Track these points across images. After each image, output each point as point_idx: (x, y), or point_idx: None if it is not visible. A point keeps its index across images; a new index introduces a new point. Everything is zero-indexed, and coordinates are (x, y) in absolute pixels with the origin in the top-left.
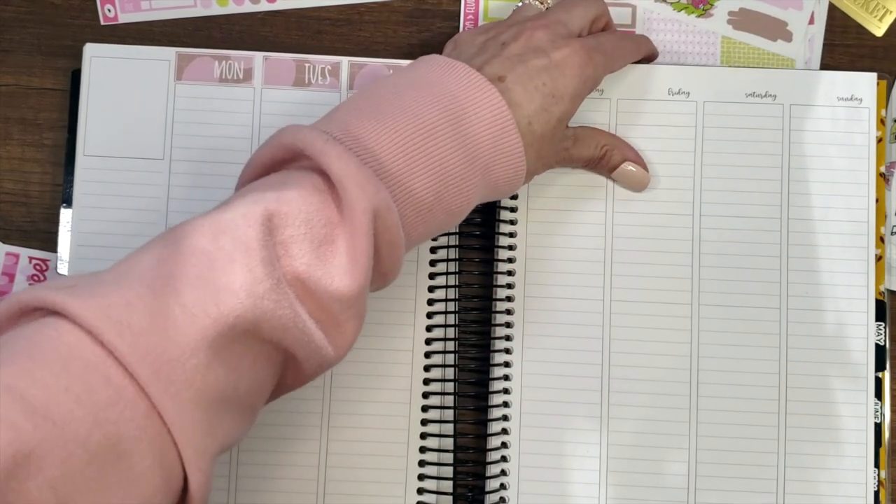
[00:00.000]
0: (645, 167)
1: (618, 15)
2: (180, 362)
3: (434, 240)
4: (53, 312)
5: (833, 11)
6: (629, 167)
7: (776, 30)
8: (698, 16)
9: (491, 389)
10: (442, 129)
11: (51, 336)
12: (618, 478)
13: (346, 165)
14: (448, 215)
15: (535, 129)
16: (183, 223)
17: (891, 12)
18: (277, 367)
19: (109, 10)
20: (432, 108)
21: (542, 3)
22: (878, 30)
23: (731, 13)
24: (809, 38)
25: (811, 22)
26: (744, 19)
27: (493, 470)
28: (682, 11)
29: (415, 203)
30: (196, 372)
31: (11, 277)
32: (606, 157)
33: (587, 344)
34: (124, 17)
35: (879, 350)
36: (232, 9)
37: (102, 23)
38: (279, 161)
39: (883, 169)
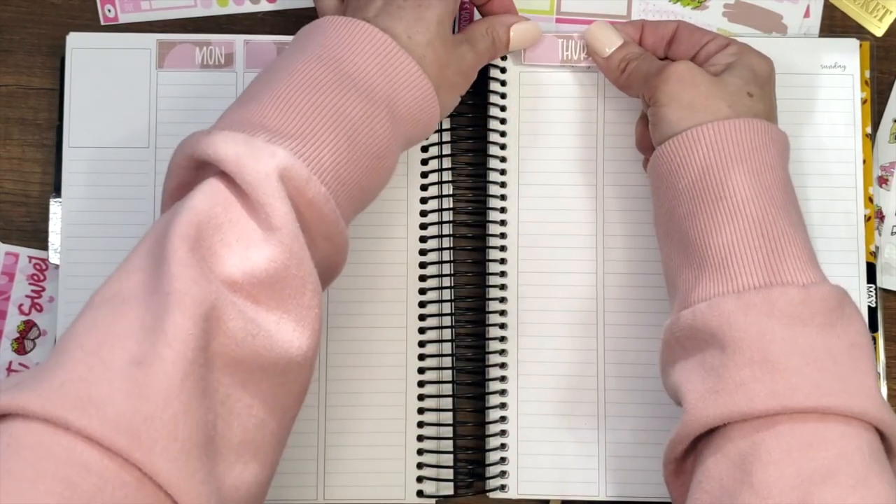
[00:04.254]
0: (521, 19)
1: (613, 7)
2: (156, 417)
3: (424, 241)
4: (2, 417)
5: (833, 11)
6: (513, 32)
7: (771, 22)
8: (694, 7)
9: (488, 377)
10: (323, 77)
11: (7, 444)
12: (616, 462)
13: (232, 145)
14: (372, 158)
15: (419, 40)
16: (107, 280)
17: (891, 12)
18: (264, 393)
19: (109, 11)
20: (307, 64)
21: None
22: (878, 30)
23: (726, 5)
24: (805, 31)
25: (806, 15)
26: (739, 12)
27: (492, 457)
28: (678, 3)
29: (329, 155)
30: (176, 421)
31: (11, 277)
32: (496, 39)
33: (582, 329)
34: (124, 17)
35: (871, 312)
36: (232, 9)
37: (102, 23)
38: (183, 185)
39: (869, 130)
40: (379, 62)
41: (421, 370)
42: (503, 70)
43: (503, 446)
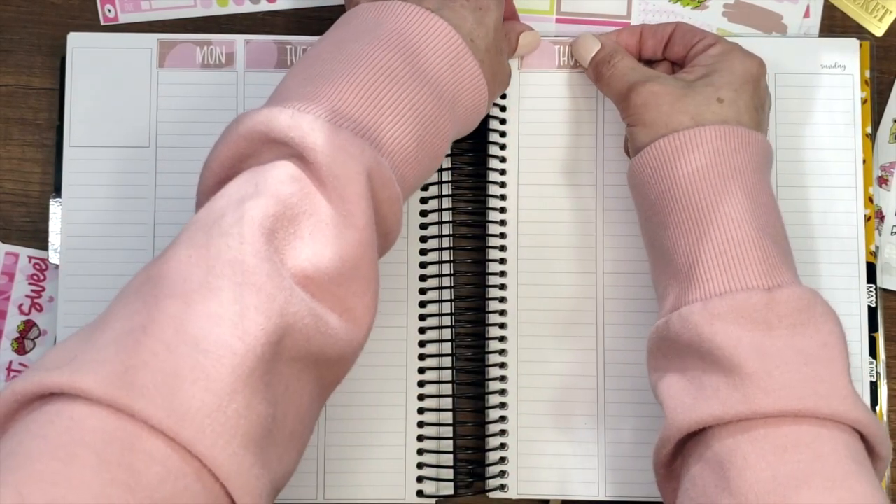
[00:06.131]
0: (528, 27)
1: (613, 7)
2: (221, 411)
3: (424, 241)
4: (57, 395)
5: (833, 11)
6: (522, 39)
7: (771, 22)
8: (693, 7)
9: (488, 377)
10: (401, 70)
11: (68, 427)
12: (616, 462)
13: (321, 134)
14: (431, 158)
15: (479, 45)
16: (164, 257)
17: (890, 12)
18: (312, 383)
19: (109, 11)
20: (384, 52)
21: None
22: (878, 30)
23: (726, 5)
24: (805, 31)
25: (806, 15)
26: (739, 12)
27: (492, 457)
28: (678, 3)
29: (400, 152)
30: (239, 416)
31: (11, 277)
32: (510, 45)
33: (581, 330)
34: (124, 17)
35: (872, 312)
36: (232, 9)
37: (102, 23)
38: (240, 157)
39: (869, 130)
40: (450, 62)
41: (421, 370)
42: None
43: (503, 446)
